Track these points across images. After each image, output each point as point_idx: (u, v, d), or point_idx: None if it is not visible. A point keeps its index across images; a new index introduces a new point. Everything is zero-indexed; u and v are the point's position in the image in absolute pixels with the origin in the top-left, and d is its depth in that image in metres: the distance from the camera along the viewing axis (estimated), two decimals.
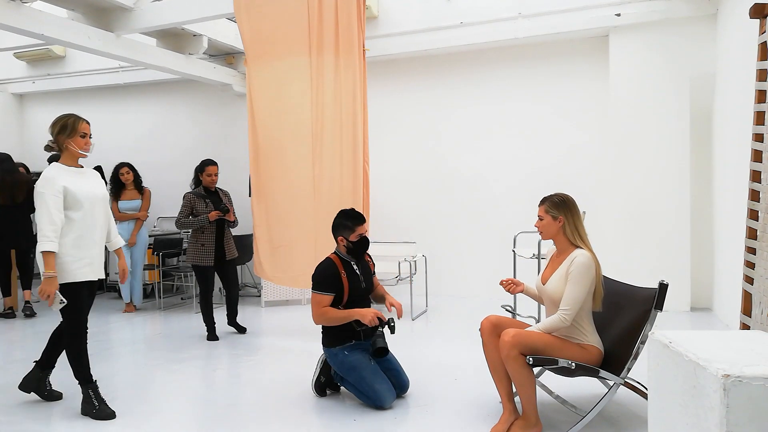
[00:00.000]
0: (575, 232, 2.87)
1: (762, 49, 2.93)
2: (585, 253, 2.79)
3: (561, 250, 2.93)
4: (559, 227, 2.89)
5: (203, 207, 4.90)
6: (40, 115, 8.88)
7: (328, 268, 3.36)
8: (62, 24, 5.25)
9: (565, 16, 5.91)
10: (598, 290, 2.83)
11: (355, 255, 3.43)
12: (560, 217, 2.88)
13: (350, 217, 3.39)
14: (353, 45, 4.79)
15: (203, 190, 5.02)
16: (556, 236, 2.92)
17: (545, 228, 2.93)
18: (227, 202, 5.09)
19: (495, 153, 6.56)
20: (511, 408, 2.89)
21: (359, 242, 3.39)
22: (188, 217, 4.92)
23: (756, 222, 2.89)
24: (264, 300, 6.45)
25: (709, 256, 5.63)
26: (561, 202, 2.91)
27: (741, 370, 1.48)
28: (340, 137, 4.84)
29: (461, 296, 6.59)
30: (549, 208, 2.91)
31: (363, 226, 3.40)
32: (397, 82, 6.92)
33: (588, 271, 2.75)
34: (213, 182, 5.03)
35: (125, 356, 4.50)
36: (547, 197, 2.96)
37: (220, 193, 5.13)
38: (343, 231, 3.38)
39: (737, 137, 4.55)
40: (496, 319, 2.99)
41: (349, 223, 3.37)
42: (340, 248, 3.44)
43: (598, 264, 2.83)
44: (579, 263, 2.75)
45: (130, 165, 6.37)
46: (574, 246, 2.86)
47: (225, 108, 7.79)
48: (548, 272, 2.96)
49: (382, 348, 3.24)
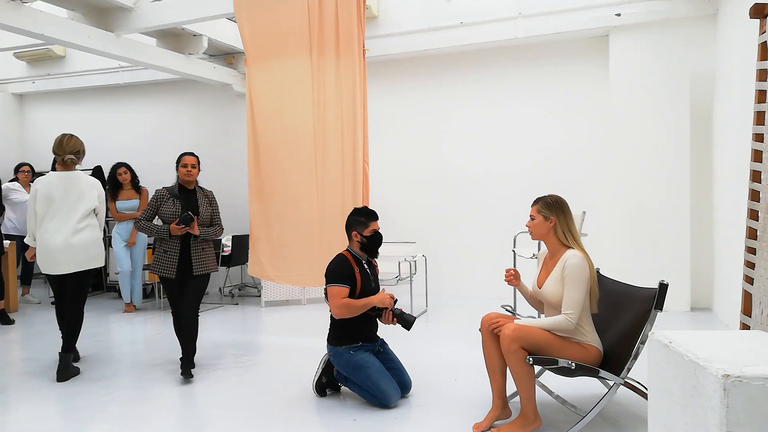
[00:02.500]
0: (568, 233, 2.89)
1: (762, 49, 2.93)
2: (577, 254, 2.80)
3: (553, 251, 2.95)
4: (550, 228, 2.90)
5: (170, 209, 3.95)
6: (40, 115, 8.89)
7: (342, 263, 3.41)
8: (62, 24, 5.25)
9: (565, 16, 5.92)
10: (594, 291, 2.84)
11: (368, 250, 3.49)
12: (552, 218, 2.90)
13: (364, 213, 3.50)
14: (353, 45, 4.78)
15: (178, 187, 4.07)
16: (546, 237, 2.94)
17: (536, 228, 2.94)
18: (204, 207, 4.05)
19: (495, 153, 6.56)
20: (498, 405, 2.93)
21: (373, 237, 3.46)
22: (152, 218, 4.02)
23: (756, 222, 2.89)
24: (264, 300, 6.45)
25: (709, 256, 5.63)
26: (553, 203, 2.92)
27: (741, 370, 1.48)
28: (340, 137, 4.84)
29: (461, 296, 6.59)
30: (541, 208, 2.93)
31: (376, 222, 3.49)
32: (397, 82, 6.93)
33: (583, 271, 2.76)
34: (190, 176, 4.02)
35: (125, 356, 4.49)
36: (540, 198, 2.98)
37: (199, 193, 4.10)
38: (357, 226, 3.46)
39: (737, 137, 4.55)
40: (496, 316, 3.00)
41: (362, 219, 3.46)
42: (354, 245, 3.49)
43: (592, 264, 2.84)
44: (572, 265, 2.76)
45: (127, 165, 6.36)
46: (565, 247, 2.87)
47: (225, 108, 7.79)
48: (543, 275, 2.97)
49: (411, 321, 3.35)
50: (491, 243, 6.51)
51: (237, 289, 7.36)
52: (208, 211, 4.09)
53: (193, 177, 4.04)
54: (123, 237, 6.23)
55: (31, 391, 3.69)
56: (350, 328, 3.39)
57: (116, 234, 6.23)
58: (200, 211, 4.02)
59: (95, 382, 3.84)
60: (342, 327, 3.40)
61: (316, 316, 5.77)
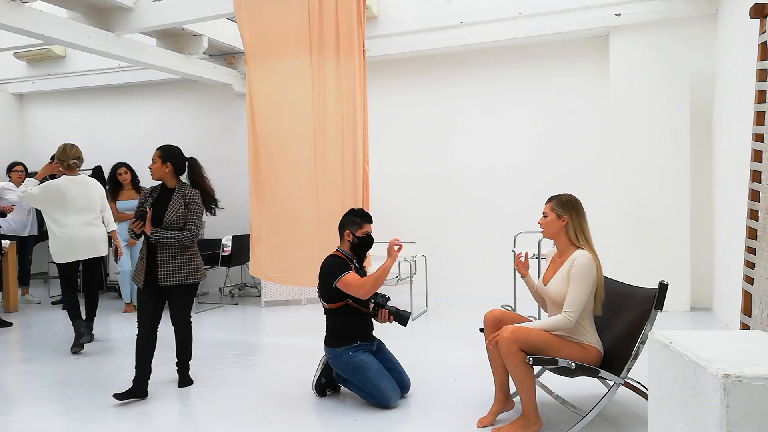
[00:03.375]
0: (580, 233, 2.88)
1: (762, 49, 2.93)
2: (586, 254, 2.79)
3: (561, 250, 2.94)
4: (562, 226, 2.89)
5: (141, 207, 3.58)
6: (40, 115, 8.89)
7: (334, 258, 3.43)
8: (62, 24, 5.25)
9: (565, 16, 5.92)
10: (599, 293, 2.83)
11: (357, 252, 3.50)
12: (564, 216, 2.89)
13: (359, 214, 3.52)
14: (353, 45, 4.78)
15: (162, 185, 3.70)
16: (557, 235, 2.92)
17: (548, 225, 2.94)
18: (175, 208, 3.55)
19: (495, 153, 6.56)
20: (500, 398, 2.96)
21: (364, 239, 3.47)
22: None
23: (756, 222, 2.89)
24: (264, 300, 6.45)
25: (709, 256, 5.63)
26: (568, 201, 2.92)
27: (741, 370, 1.48)
28: (340, 137, 4.83)
29: (461, 296, 6.59)
30: (555, 206, 2.92)
31: (370, 225, 3.51)
32: (397, 82, 6.92)
33: (589, 272, 2.75)
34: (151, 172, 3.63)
35: (125, 356, 4.49)
36: (554, 195, 2.97)
37: (176, 193, 3.61)
38: (351, 226, 3.47)
39: (737, 137, 4.55)
40: (499, 313, 3.01)
41: (357, 219, 3.48)
42: (344, 244, 3.50)
43: (600, 266, 2.83)
44: (580, 264, 2.75)
45: (127, 165, 6.36)
46: (575, 246, 2.86)
47: (225, 108, 7.79)
48: (549, 273, 2.97)
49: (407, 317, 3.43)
50: (491, 243, 6.51)
51: (237, 289, 7.36)
52: (180, 214, 3.55)
53: (153, 172, 3.61)
54: (123, 237, 6.22)
55: (31, 391, 3.69)
56: (348, 327, 3.40)
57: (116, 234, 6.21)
58: (167, 212, 3.54)
59: (95, 382, 3.84)
60: (340, 327, 3.40)
61: (316, 316, 5.75)
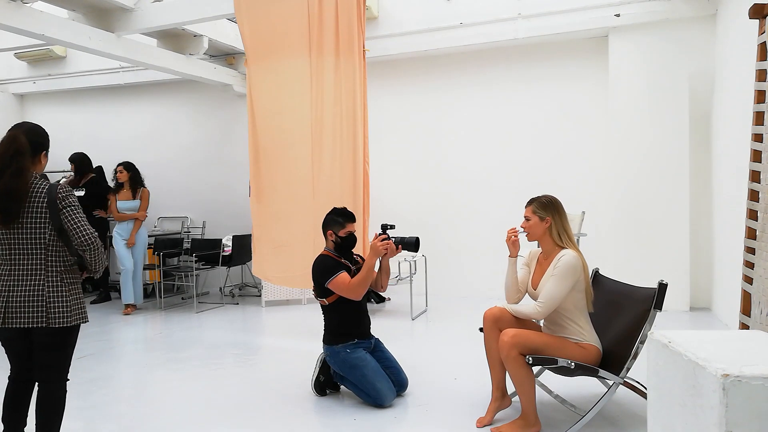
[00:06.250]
0: (563, 233, 2.90)
1: (761, 49, 2.94)
2: (572, 253, 2.81)
3: (547, 252, 2.96)
4: (546, 228, 2.91)
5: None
6: (41, 116, 8.88)
7: (323, 258, 3.44)
8: (63, 24, 5.26)
9: (565, 16, 5.92)
10: (588, 291, 2.85)
11: (341, 251, 3.49)
12: (547, 218, 2.91)
13: (341, 214, 3.50)
14: (353, 45, 4.79)
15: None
16: (542, 237, 2.95)
17: (532, 228, 2.96)
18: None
19: (495, 153, 6.57)
20: (497, 396, 2.97)
21: (347, 238, 3.47)
22: None
23: (755, 222, 2.90)
24: (264, 300, 6.45)
25: (709, 256, 5.63)
26: (549, 203, 2.94)
27: (740, 370, 1.49)
28: (340, 137, 4.84)
29: (461, 296, 6.60)
30: (536, 208, 2.94)
31: (353, 224, 3.49)
32: (397, 82, 6.93)
33: (573, 270, 2.77)
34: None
35: (125, 356, 4.50)
36: (534, 198, 2.99)
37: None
38: (334, 226, 3.47)
39: (737, 137, 4.55)
40: (498, 311, 3.01)
41: (340, 219, 3.47)
42: (329, 243, 3.51)
43: (586, 264, 2.84)
44: (564, 261, 2.78)
45: (127, 164, 6.36)
46: (560, 247, 2.89)
47: (225, 108, 7.79)
48: (537, 276, 2.98)
49: (414, 241, 3.40)
50: (491, 243, 6.50)
51: (237, 288, 7.37)
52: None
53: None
54: (123, 237, 6.23)
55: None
56: (346, 323, 3.41)
57: (117, 234, 6.24)
58: None
59: (95, 382, 3.84)
60: (338, 323, 3.41)
61: (316, 317, 5.73)
